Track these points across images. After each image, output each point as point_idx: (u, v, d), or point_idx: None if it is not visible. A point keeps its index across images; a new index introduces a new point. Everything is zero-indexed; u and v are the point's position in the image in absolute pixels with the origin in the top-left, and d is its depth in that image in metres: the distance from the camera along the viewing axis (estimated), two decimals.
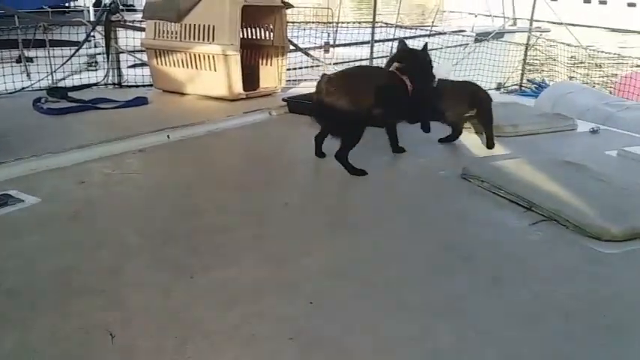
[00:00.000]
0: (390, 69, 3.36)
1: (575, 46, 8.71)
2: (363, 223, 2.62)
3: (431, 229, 2.58)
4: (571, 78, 9.17)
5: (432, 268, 2.22)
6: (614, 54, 8.36)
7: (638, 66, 9.20)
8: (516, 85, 8.20)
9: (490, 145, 3.68)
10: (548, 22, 8.79)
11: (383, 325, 1.85)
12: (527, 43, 8.17)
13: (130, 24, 5.71)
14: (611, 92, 7.61)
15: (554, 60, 9.10)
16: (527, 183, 2.90)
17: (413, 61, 3.38)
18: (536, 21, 8.68)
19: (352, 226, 2.57)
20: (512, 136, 3.94)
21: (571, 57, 9.00)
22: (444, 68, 6.28)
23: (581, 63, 9.54)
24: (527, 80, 8.18)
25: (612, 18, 29.04)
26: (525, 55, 8.14)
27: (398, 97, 3.28)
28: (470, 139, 3.92)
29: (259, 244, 2.35)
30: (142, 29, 5.45)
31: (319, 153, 3.37)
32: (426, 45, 3.51)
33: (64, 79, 5.60)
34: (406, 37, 8.20)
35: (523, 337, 1.79)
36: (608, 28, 27.61)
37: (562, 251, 2.39)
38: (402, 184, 3.20)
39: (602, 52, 8.14)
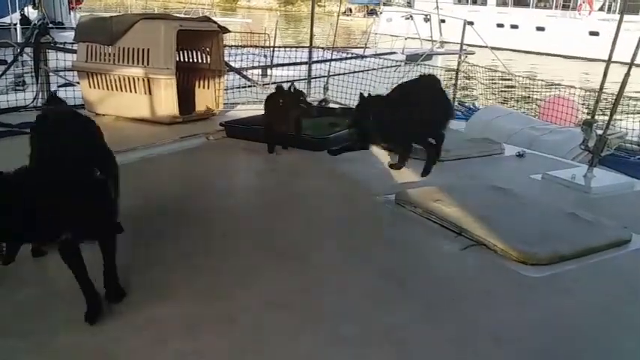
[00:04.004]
0: None
1: (502, 71, 9.17)
2: (300, 252, 2.63)
3: (366, 256, 2.62)
4: (504, 102, 9.66)
5: (367, 296, 2.26)
6: (539, 79, 8.86)
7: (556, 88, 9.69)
8: None
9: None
10: (472, 45, 9.18)
11: (321, 358, 1.87)
12: (457, 68, 8.50)
13: (61, 46, 5.54)
14: (536, 116, 8.03)
15: (480, 83, 9.53)
16: (457, 208, 3.00)
17: None
18: (466, 45, 9.05)
19: (289, 256, 2.58)
20: (444, 160, 4.07)
21: (490, 79, 9.51)
22: (379, 92, 6.40)
23: (509, 87, 10.03)
24: (459, 103, 8.50)
25: (523, 41, 30.73)
26: (456, 78, 8.46)
27: None
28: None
29: (196, 277, 2.32)
30: (74, 51, 5.30)
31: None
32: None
33: None
34: (340, 59, 8.38)
35: None
36: (524, 51, 29.18)
37: (491, 276, 2.49)
38: (336, 209, 3.24)
39: (526, 77, 8.60)
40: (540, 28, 32.13)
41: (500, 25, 32.76)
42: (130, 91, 4.85)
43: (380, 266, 2.52)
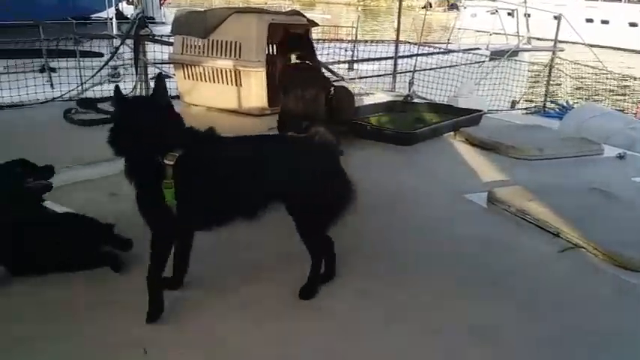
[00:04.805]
0: None
1: (598, 68, 8.70)
2: (391, 247, 2.64)
3: (460, 254, 2.59)
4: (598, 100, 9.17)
5: (460, 293, 2.24)
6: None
7: None
8: (539, 105, 8.18)
9: None
10: (560, 41, 8.75)
11: (411, 350, 1.89)
12: (550, 64, 8.14)
13: (159, 38, 5.80)
14: (635, 115, 7.58)
15: (575, 80, 9.10)
16: (554, 209, 2.90)
17: None
18: (560, 41, 8.66)
19: (381, 250, 2.59)
20: (537, 159, 3.95)
21: (581, 77, 9.07)
22: (467, 88, 6.29)
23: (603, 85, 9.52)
24: (551, 101, 8.15)
25: (614, 37, 28.83)
26: (549, 75, 8.12)
27: None
28: (492, 159, 3.96)
29: (289, 264, 2.37)
30: (170, 43, 5.54)
31: None
32: None
33: (88, 89, 5.65)
34: (426, 54, 8.24)
35: None
36: (615, 48, 27.39)
37: (591, 281, 2.39)
38: (427, 206, 3.21)
39: (625, 75, 8.09)
40: (633, 24, 30.19)
41: (589, 20, 31.05)
42: (222, 82, 5.01)
43: (473, 264, 2.49)
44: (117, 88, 1.98)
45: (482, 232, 2.85)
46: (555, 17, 8.40)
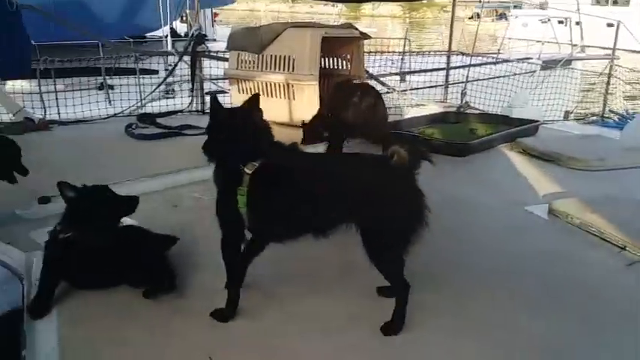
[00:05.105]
0: None
1: None
2: (452, 259, 2.60)
3: (522, 267, 2.54)
4: None
5: (525, 308, 2.19)
6: None
7: None
8: (597, 115, 7.95)
9: None
10: (618, 49, 8.44)
11: None
12: (609, 73, 7.90)
13: (215, 54, 5.95)
14: None
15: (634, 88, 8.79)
16: (618, 221, 2.81)
17: None
18: (609, 49, 8.40)
19: (441, 263, 2.54)
20: (598, 170, 3.85)
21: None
22: (522, 98, 6.17)
23: None
24: (610, 110, 7.90)
25: None
26: (608, 83, 7.88)
27: None
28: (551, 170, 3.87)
29: (347, 277, 2.38)
30: (225, 59, 5.67)
31: None
32: None
33: (145, 105, 5.84)
34: (479, 64, 8.15)
35: None
36: None
37: None
38: (487, 218, 3.16)
39: None
40: None
41: None
42: (276, 96, 5.09)
43: (537, 277, 2.44)
44: (215, 98, 2.12)
45: (544, 244, 2.79)
46: (609, 25, 8.14)
